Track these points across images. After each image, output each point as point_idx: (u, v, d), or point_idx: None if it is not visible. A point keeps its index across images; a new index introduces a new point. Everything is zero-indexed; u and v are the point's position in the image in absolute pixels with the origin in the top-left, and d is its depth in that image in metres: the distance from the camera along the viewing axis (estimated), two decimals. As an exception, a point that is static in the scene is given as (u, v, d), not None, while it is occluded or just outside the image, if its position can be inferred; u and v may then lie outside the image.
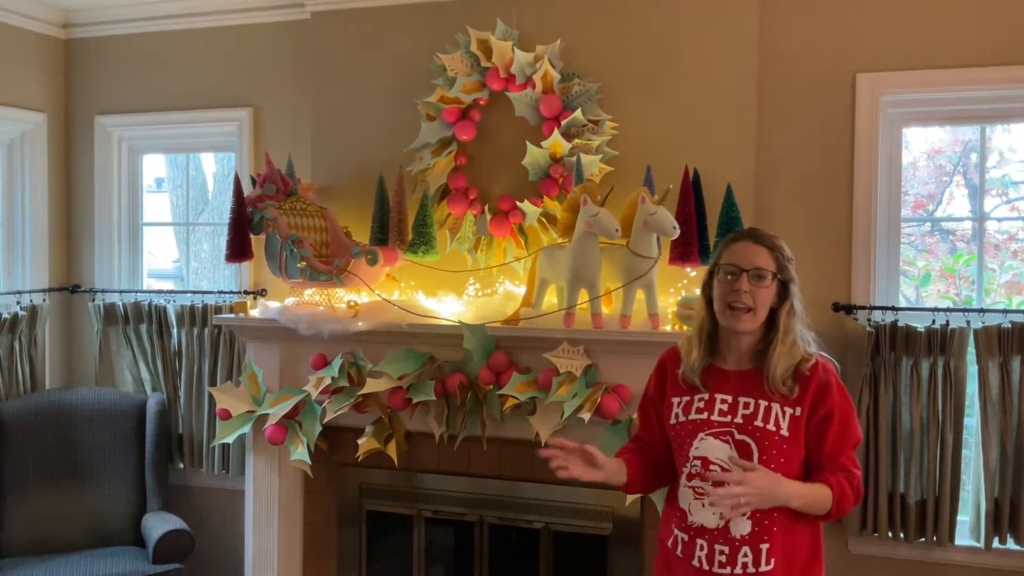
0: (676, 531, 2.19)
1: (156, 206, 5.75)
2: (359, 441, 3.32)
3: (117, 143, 4.40)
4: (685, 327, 3.00)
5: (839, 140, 3.33)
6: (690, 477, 2.16)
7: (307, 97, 3.86)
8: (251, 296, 4.03)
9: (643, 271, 2.99)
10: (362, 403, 3.32)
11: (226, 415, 3.51)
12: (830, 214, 3.35)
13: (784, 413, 2.10)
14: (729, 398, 2.15)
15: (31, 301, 4.19)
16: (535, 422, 3.11)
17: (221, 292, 4.13)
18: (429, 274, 3.51)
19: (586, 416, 2.98)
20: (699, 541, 2.13)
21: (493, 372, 3.18)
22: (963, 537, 3.26)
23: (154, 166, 5.49)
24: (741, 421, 2.11)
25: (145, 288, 4.42)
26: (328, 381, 3.33)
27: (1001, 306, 3.41)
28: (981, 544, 3.18)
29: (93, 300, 4.30)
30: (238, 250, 3.45)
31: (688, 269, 3.19)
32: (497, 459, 3.32)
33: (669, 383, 2.27)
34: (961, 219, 3.89)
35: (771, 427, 2.09)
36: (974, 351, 3.15)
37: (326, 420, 3.34)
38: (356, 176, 3.67)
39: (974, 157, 3.50)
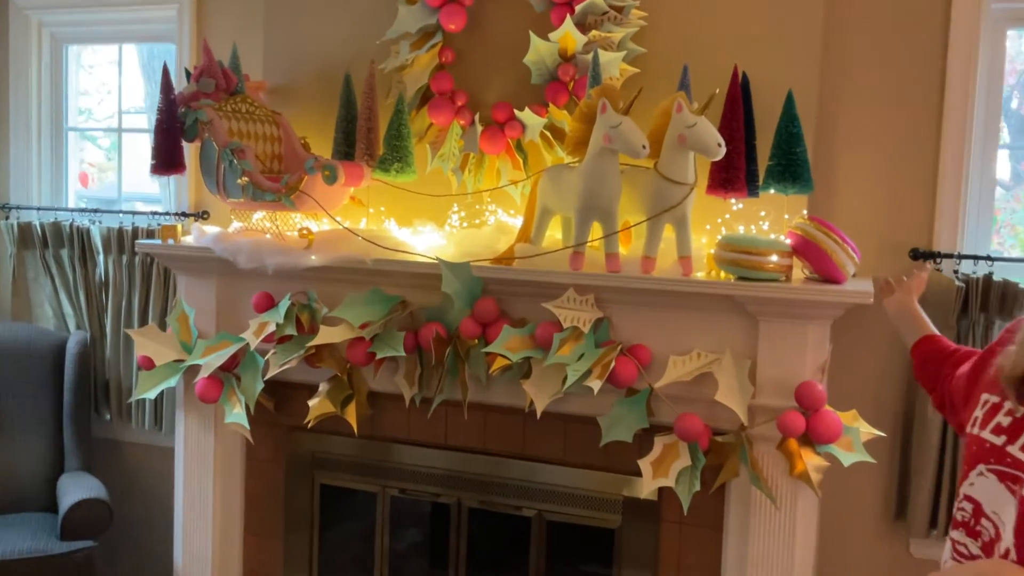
0: None
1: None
2: (310, 403, 2.73)
3: (36, 29, 3.75)
4: (724, 275, 2.39)
5: (928, 44, 2.67)
6: (955, 525, 1.56)
7: (260, -25, 3.18)
8: (189, 219, 3.38)
9: (675, 201, 2.35)
10: (314, 356, 2.73)
11: (149, 364, 2.89)
12: (912, 138, 2.71)
13: None
14: None
15: (-71, 216, 3.53)
16: (529, 388, 2.52)
17: (155, 213, 3.49)
18: (403, 198, 2.91)
19: (595, 384, 2.38)
20: None
21: (479, 323, 2.58)
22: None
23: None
24: None
25: (68, 206, 3.75)
26: (272, 327, 2.72)
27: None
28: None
29: (7, 218, 3.66)
30: (165, 160, 2.81)
31: (732, 201, 2.54)
32: (481, 430, 2.76)
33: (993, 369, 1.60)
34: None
35: None
36: (1087, 316, 2.54)
37: (268, 375, 2.74)
38: (318, 74, 3.06)
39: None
